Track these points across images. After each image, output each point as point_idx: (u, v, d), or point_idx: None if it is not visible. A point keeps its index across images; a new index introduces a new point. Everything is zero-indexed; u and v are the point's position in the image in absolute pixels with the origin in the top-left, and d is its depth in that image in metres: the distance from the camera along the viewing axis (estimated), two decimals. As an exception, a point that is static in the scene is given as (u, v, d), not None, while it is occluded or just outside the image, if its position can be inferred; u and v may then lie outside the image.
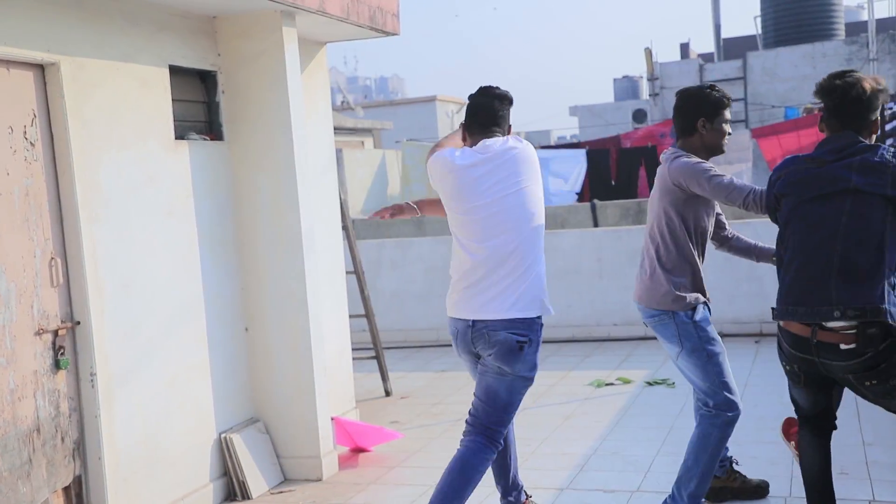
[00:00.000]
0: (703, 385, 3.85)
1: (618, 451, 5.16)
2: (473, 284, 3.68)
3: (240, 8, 4.80)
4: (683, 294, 3.83)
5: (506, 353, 3.64)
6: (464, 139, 3.86)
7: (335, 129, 7.88)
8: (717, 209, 4.08)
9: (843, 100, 3.21)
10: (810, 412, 3.44)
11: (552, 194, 14.50)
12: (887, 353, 3.04)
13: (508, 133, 3.86)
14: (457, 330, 3.77)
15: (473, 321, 3.68)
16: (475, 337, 3.69)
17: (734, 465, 4.33)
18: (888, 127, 8.80)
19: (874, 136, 3.31)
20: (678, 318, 3.83)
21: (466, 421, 3.80)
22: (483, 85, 3.90)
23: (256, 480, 4.87)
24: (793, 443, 3.84)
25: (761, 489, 4.25)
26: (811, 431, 3.45)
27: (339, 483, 5.00)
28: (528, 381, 3.73)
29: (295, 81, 4.98)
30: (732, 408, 3.83)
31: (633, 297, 4.02)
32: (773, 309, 3.34)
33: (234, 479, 4.82)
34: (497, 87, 3.88)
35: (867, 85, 3.20)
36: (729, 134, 3.93)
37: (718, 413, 3.83)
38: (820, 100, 3.30)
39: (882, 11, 42.39)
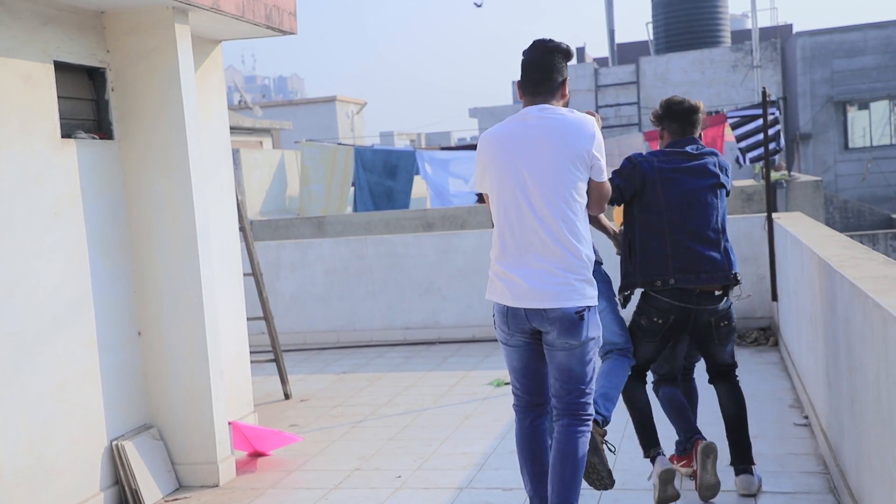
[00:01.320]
0: (620, 329, 4.20)
1: (517, 450, 5.20)
2: (510, 268, 3.45)
3: (129, 3, 4.66)
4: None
5: (569, 328, 3.41)
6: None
7: (232, 128, 7.75)
8: None
9: (689, 110, 4.22)
10: (647, 364, 4.30)
11: (452, 195, 14.58)
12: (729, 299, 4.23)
13: (560, 93, 3.51)
14: (506, 308, 3.51)
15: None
16: (529, 314, 3.45)
17: None
18: (771, 131, 9.22)
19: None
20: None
21: (553, 405, 3.58)
22: (538, 38, 3.55)
23: (150, 488, 4.74)
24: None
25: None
26: (640, 381, 4.31)
27: (236, 489, 4.92)
28: (595, 341, 3.51)
29: (188, 79, 4.87)
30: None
31: None
32: (652, 279, 4.05)
33: (127, 488, 4.68)
34: (550, 40, 3.52)
35: (701, 104, 4.31)
36: None
37: (627, 352, 4.20)
38: (665, 110, 4.21)
39: (764, 21, 44.48)
